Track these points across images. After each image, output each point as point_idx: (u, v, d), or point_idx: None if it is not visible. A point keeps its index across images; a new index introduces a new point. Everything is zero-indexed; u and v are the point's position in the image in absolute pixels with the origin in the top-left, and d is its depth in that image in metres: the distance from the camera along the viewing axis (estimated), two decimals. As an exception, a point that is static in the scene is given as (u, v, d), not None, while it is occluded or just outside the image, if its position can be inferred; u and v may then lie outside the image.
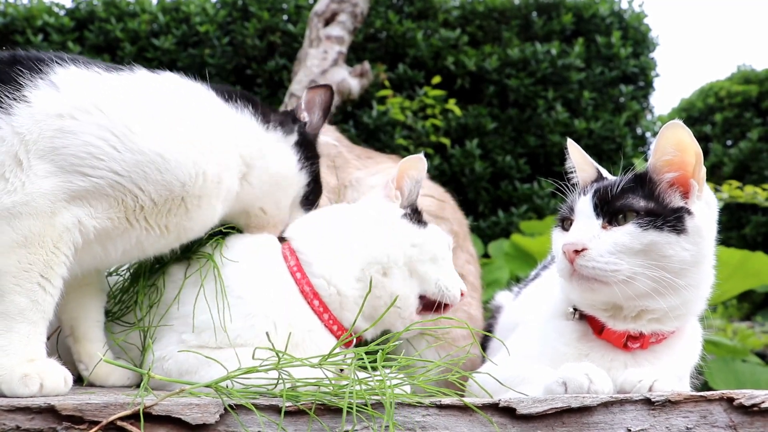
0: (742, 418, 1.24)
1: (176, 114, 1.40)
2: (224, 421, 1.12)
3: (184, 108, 1.43)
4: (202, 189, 1.38)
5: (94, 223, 1.30)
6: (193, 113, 1.43)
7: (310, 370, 1.27)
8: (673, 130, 1.41)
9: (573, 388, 1.28)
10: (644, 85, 6.71)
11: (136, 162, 1.31)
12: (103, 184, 1.29)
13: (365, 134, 5.70)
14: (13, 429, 1.05)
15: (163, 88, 1.45)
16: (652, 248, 1.38)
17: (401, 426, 1.16)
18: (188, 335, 1.44)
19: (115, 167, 1.29)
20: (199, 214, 1.42)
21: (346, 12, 4.96)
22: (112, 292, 1.60)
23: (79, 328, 1.49)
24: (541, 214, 5.83)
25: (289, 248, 1.59)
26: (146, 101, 1.39)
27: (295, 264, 1.55)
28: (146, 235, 1.38)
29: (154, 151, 1.32)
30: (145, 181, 1.32)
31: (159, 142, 1.34)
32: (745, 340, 4.63)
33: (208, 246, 1.56)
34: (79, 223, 1.28)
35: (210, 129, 1.43)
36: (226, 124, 1.49)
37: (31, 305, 1.24)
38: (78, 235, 1.28)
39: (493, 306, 2.07)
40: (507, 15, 6.32)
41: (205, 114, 1.46)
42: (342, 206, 1.76)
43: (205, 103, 1.49)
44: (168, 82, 1.48)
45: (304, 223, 1.65)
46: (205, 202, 1.41)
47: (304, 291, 1.53)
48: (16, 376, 1.18)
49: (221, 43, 5.87)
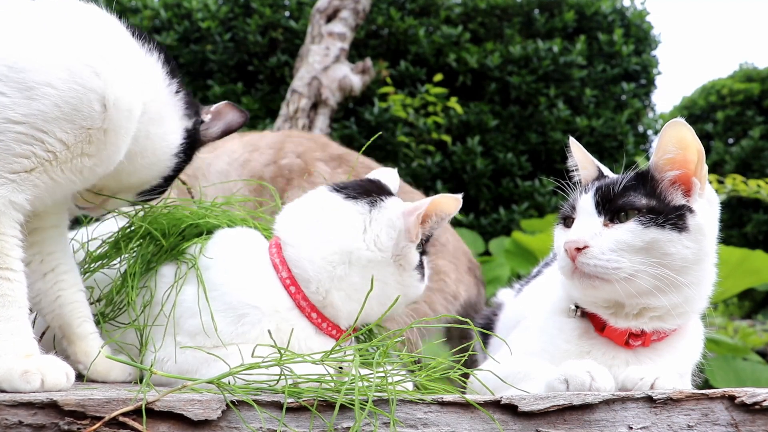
0: (743, 416, 1.24)
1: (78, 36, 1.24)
2: (226, 417, 1.12)
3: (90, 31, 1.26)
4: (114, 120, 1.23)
5: (24, 196, 1.20)
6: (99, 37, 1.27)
7: (311, 368, 1.28)
8: (675, 128, 1.41)
9: (575, 386, 1.28)
10: (646, 82, 6.72)
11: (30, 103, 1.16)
12: (7, 140, 1.16)
13: (367, 131, 5.70)
14: (15, 424, 1.05)
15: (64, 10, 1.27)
16: (653, 246, 1.38)
17: (403, 422, 1.16)
18: (182, 337, 1.44)
19: (8, 114, 1.15)
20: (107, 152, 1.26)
21: (348, 8, 4.95)
22: (104, 294, 1.58)
23: (66, 326, 1.45)
24: (542, 212, 5.83)
25: (278, 253, 1.49)
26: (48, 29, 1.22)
27: (288, 276, 1.46)
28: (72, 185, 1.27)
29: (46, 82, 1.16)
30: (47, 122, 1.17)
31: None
32: (745, 338, 4.64)
33: (193, 246, 1.53)
34: (10, 203, 1.19)
35: (107, 49, 1.26)
36: (123, 53, 1.30)
37: (1, 300, 1.19)
38: (16, 212, 1.20)
39: (494, 303, 2.08)
40: (509, 12, 6.32)
41: (111, 39, 1.29)
42: (340, 207, 1.52)
43: (110, 28, 1.32)
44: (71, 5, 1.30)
45: (294, 217, 1.54)
46: (112, 137, 1.25)
47: (300, 306, 1.46)
48: (17, 372, 1.16)
49: (223, 39, 5.87)
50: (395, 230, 1.47)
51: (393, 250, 1.47)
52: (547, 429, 1.20)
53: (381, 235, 1.47)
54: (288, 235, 1.51)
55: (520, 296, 1.89)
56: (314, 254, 1.46)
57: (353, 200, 1.50)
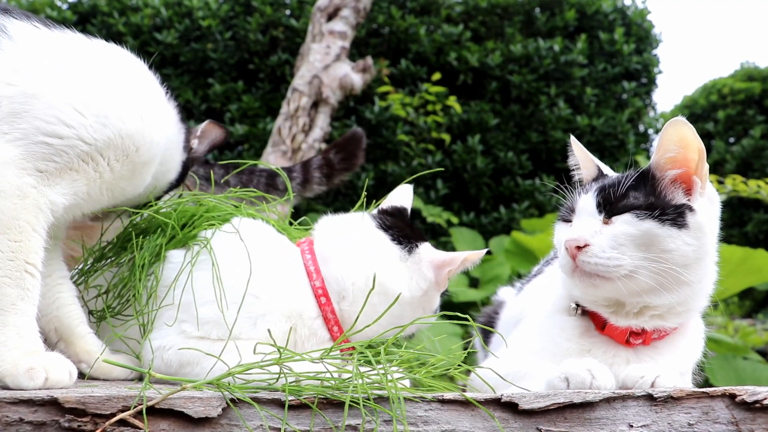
0: (744, 415, 1.24)
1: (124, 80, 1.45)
2: (226, 415, 1.12)
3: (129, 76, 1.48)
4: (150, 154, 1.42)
5: (64, 202, 1.30)
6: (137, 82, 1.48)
7: (311, 367, 1.28)
8: (676, 127, 1.41)
9: (575, 384, 1.28)
10: (647, 81, 6.71)
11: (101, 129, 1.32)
12: (72, 154, 1.29)
13: (367, 130, 5.68)
14: (16, 421, 1.05)
15: (107, 54, 1.49)
16: (652, 241, 1.38)
17: (404, 420, 1.16)
18: (188, 325, 1.42)
19: (83, 135, 1.30)
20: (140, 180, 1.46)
21: (349, 7, 4.95)
22: (111, 287, 1.59)
23: (64, 327, 1.47)
24: (542, 211, 5.83)
25: (314, 262, 1.57)
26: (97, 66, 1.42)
27: (320, 287, 1.54)
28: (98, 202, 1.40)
29: (117, 116, 1.35)
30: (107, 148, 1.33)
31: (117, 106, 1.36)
32: (746, 337, 4.64)
33: (209, 231, 1.54)
34: (50, 203, 1.28)
35: (150, 97, 1.48)
36: (158, 100, 1.52)
37: (22, 294, 1.23)
38: (50, 215, 1.28)
39: (495, 301, 2.08)
40: (510, 11, 6.31)
41: (146, 84, 1.51)
42: (384, 248, 1.62)
43: (144, 75, 1.53)
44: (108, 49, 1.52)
45: (337, 236, 1.63)
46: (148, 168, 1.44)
47: (327, 318, 1.53)
48: (21, 369, 1.17)
49: (224, 37, 5.87)
50: (426, 281, 1.60)
51: (421, 295, 1.59)
52: (547, 427, 1.20)
53: (415, 281, 1.60)
54: (328, 250, 1.59)
55: (521, 295, 1.89)
56: (358, 279, 1.55)
57: (398, 245, 1.62)
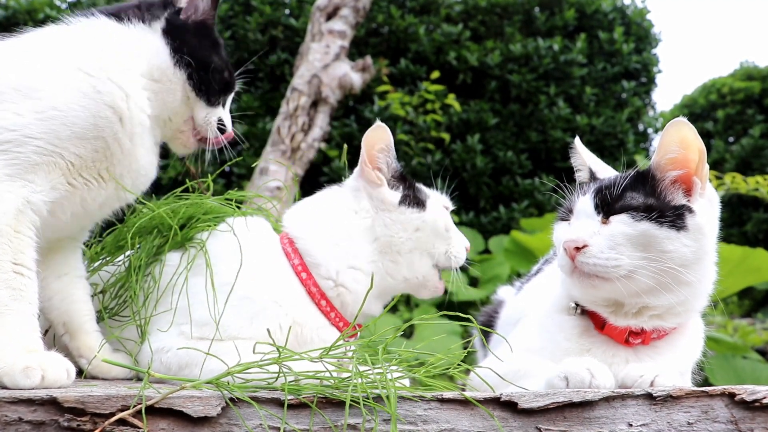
0: (743, 414, 1.24)
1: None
2: (226, 414, 1.12)
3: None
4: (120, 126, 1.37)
5: (43, 198, 1.29)
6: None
7: (311, 366, 1.28)
8: (677, 128, 1.41)
9: (574, 383, 1.28)
10: (646, 81, 6.72)
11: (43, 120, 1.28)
12: (28, 152, 1.27)
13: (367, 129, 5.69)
14: (15, 420, 1.05)
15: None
16: (649, 241, 1.37)
17: (403, 419, 1.16)
18: (187, 327, 1.42)
19: (29, 133, 1.27)
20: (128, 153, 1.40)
21: (348, 6, 4.95)
22: (107, 287, 1.59)
23: (73, 322, 1.48)
24: (542, 210, 5.83)
25: (290, 244, 1.58)
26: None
27: (299, 263, 1.56)
28: (88, 191, 1.37)
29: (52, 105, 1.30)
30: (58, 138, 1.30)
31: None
32: (745, 337, 4.63)
33: (204, 233, 1.56)
34: (29, 203, 1.27)
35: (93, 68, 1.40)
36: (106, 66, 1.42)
37: (14, 294, 1.23)
38: (32, 214, 1.28)
39: (495, 300, 2.08)
40: (509, 10, 6.31)
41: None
42: (336, 196, 1.70)
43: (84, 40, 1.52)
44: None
45: (300, 214, 1.66)
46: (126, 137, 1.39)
47: (311, 292, 1.54)
48: (18, 368, 1.17)
49: (223, 36, 5.85)
50: (361, 190, 1.64)
51: (372, 206, 1.63)
52: (547, 426, 1.20)
53: (360, 206, 1.64)
54: (296, 228, 1.62)
55: (520, 294, 1.89)
56: (320, 234, 1.59)
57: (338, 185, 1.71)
